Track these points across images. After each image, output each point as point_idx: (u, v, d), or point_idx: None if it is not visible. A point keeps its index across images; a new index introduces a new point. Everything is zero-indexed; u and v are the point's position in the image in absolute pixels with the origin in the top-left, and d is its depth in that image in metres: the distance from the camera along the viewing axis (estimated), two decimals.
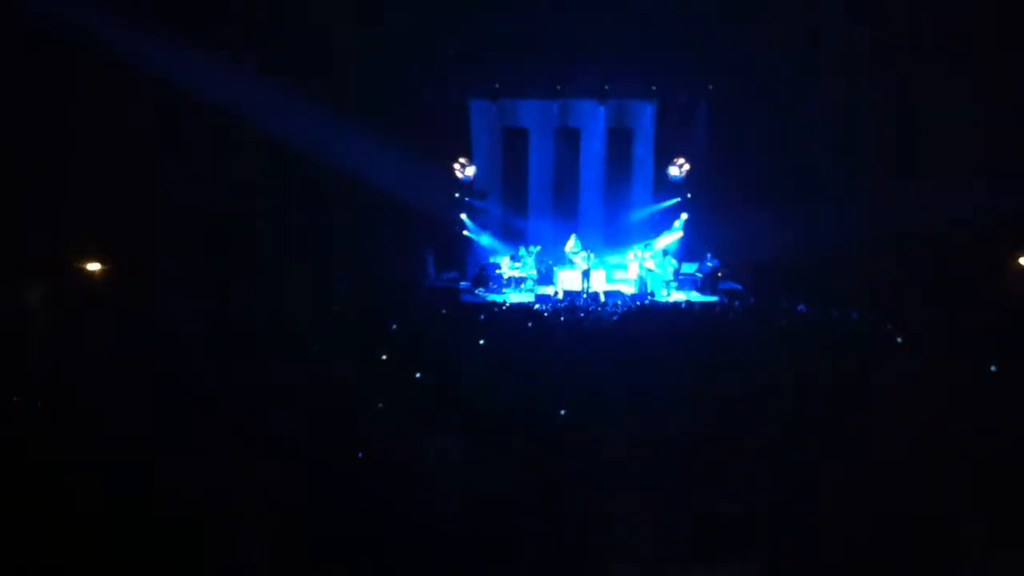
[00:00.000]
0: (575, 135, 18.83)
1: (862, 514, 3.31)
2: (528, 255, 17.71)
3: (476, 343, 8.09)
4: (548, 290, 16.86)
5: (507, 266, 17.66)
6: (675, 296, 16.53)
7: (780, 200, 15.76)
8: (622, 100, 18.27)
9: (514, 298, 16.08)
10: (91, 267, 13.01)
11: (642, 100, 18.30)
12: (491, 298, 15.98)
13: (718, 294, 16.19)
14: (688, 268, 17.52)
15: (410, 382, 5.90)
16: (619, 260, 18.38)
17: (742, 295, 15.69)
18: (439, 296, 15.59)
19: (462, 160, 17.85)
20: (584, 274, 16.89)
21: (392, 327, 9.72)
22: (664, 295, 16.41)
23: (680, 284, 17.32)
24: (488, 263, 17.91)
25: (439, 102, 17.34)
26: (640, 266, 16.89)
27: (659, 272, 16.88)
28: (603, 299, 15.42)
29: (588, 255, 17.02)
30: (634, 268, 17.29)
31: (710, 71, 17.02)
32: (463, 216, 18.26)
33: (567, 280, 17.24)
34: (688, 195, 18.51)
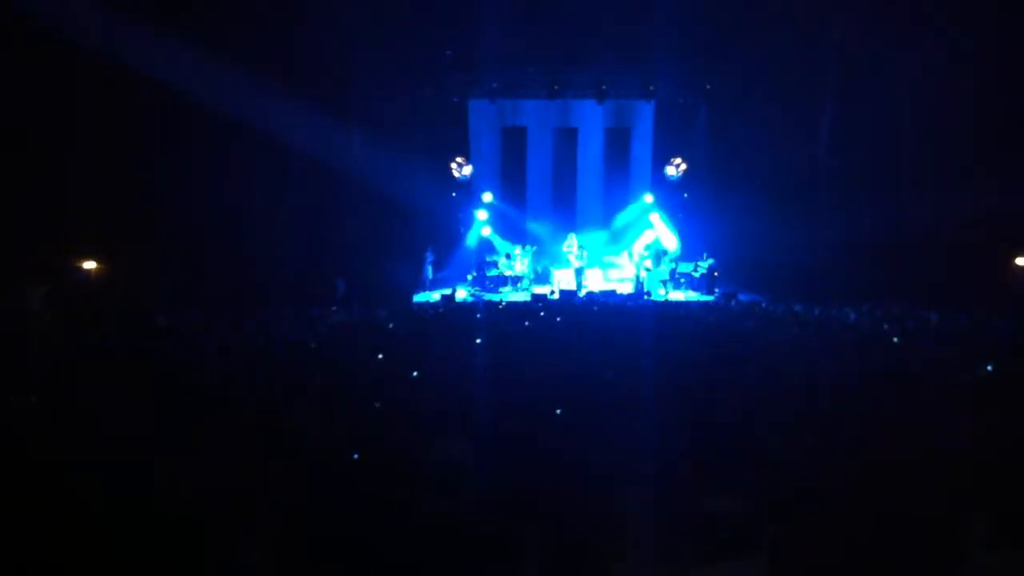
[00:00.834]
0: (573, 135, 18.87)
1: (862, 514, 3.31)
2: (523, 254, 17.72)
3: (473, 342, 8.12)
4: (544, 289, 16.88)
5: (504, 265, 17.67)
6: (672, 296, 16.56)
7: (777, 200, 15.79)
8: (620, 100, 18.31)
9: (511, 297, 16.12)
10: (91, 267, 13.01)
11: (640, 100, 18.34)
12: (488, 297, 16.01)
13: (715, 294, 16.24)
14: (685, 268, 17.56)
15: (408, 381, 5.90)
16: (616, 259, 18.43)
17: (741, 299, 15.70)
18: (436, 295, 15.61)
19: (459, 160, 17.89)
20: (577, 272, 16.90)
21: (390, 327, 9.75)
22: (661, 295, 16.45)
23: (676, 284, 17.35)
24: (485, 262, 17.93)
25: (438, 102, 17.37)
26: (636, 265, 16.92)
27: (656, 271, 16.91)
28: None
29: (582, 253, 17.04)
30: (630, 268, 17.33)
31: (708, 72, 17.07)
32: (460, 215, 18.29)
33: (563, 279, 17.26)
34: (685, 195, 18.57)
